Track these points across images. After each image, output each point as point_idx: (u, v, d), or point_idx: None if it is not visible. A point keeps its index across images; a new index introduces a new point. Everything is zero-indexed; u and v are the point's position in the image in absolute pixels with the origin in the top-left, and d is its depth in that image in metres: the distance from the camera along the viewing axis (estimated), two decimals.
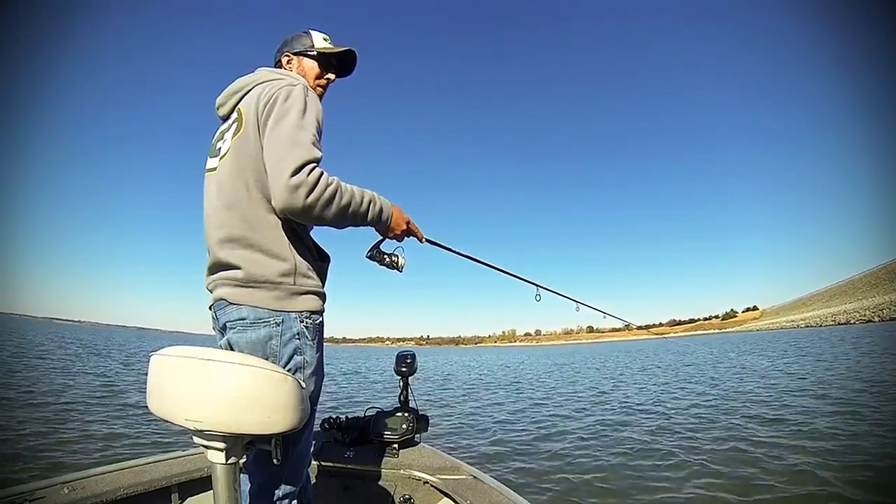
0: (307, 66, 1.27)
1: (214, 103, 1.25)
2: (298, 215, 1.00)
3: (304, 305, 1.08)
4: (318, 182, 0.98)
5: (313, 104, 1.09)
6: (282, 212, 1.00)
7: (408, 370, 1.89)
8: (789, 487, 3.01)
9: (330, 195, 1.00)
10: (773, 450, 3.87)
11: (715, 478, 3.32)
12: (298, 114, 1.04)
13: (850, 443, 3.92)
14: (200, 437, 0.85)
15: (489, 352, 68.80)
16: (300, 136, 1.01)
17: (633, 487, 3.25)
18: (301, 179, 0.96)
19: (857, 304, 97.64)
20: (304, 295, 1.08)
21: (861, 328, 45.50)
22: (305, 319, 1.07)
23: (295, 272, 1.07)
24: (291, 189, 0.95)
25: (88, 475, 1.36)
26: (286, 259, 1.06)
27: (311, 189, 0.97)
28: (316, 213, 0.99)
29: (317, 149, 1.02)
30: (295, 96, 1.06)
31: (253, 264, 1.05)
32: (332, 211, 1.01)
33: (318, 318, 1.11)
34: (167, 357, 0.87)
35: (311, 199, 0.97)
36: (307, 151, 0.99)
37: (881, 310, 73.88)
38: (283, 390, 0.86)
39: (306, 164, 0.97)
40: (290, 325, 1.05)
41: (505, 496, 1.45)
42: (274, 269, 1.05)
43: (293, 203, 0.96)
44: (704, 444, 4.28)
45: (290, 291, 1.06)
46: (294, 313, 1.06)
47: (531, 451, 4.37)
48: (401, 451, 1.72)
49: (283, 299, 1.05)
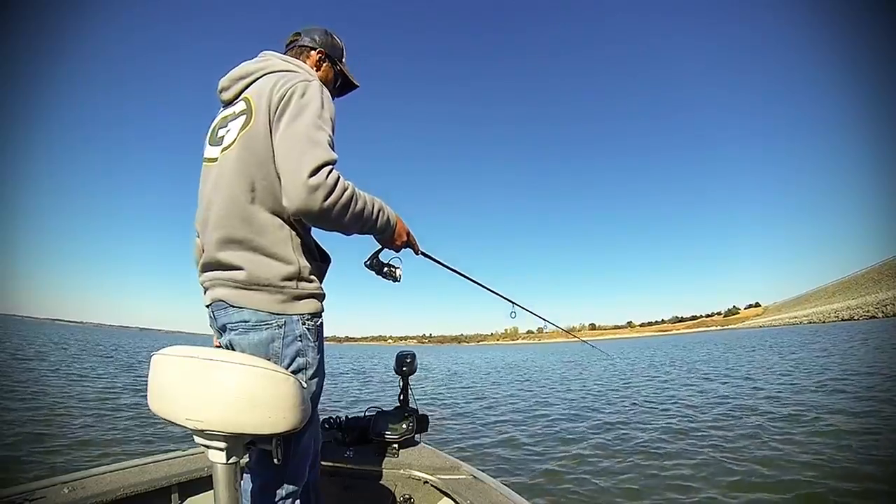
0: (329, 74, 1.30)
1: (217, 86, 1.20)
2: (314, 217, 0.97)
3: (306, 308, 1.07)
4: (337, 185, 0.95)
5: (329, 103, 1.06)
6: (296, 213, 0.96)
7: (408, 370, 1.89)
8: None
9: (347, 199, 0.97)
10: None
11: (729, 476, 3.31)
12: (316, 112, 1.00)
13: None
14: (201, 437, 0.85)
15: (492, 350, 68.68)
16: (318, 136, 0.97)
17: (636, 487, 3.25)
18: (320, 181, 0.92)
19: (860, 301, 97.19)
20: (305, 298, 1.07)
21: (865, 324, 45.27)
22: (307, 322, 1.07)
23: (298, 276, 1.05)
24: (310, 190, 0.92)
25: (88, 475, 1.36)
26: (291, 262, 1.04)
27: (329, 192, 0.93)
28: (332, 217, 0.96)
29: (333, 151, 0.99)
30: (312, 93, 1.03)
31: (256, 266, 1.02)
32: (348, 216, 0.99)
33: (319, 320, 1.11)
34: (168, 357, 0.88)
35: (329, 203, 0.94)
36: (325, 152, 0.95)
37: (885, 306, 73.51)
38: (283, 390, 0.86)
39: (325, 164, 0.94)
40: (293, 328, 1.04)
41: (505, 496, 1.45)
42: (277, 272, 1.03)
43: (310, 205, 0.92)
44: (721, 442, 4.27)
45: (292, 295, 1.04)
46: (296, 316, 1.05)
47: (532, 450, 4.37)
48: (401, 451, 1.72)
49: (286, 302, 1.04)
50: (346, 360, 23.87)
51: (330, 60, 1.30)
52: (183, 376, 0.85)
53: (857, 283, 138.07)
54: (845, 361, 10.42)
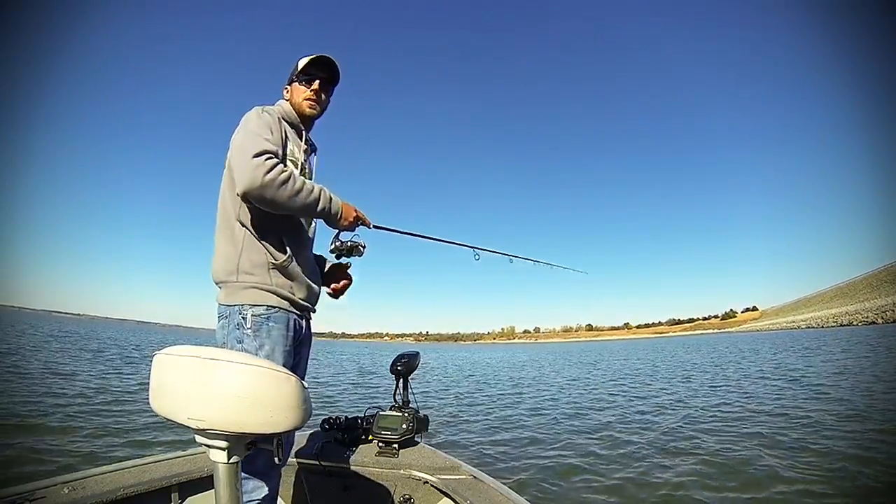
0: (296, 90, 1.43)
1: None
2: (257, 193, 1.12)
3: (247, 298, 1.23)
4: (276, 165, 1.14)
5: (264, 116, 1.27)
6: (244, 191, 1.12)
7: (408, 370, 1.89)
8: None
9: (285, 178, 1.14)
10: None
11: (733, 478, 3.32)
12: (251, 123, 1.23)
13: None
14: (202, 437, 0.85)
15: (491, 349, 68.79)
16: (258, 134, 1.18)
17: (636, 487, 3.25)
18: (261, 160, 1.12)
19: (859, 306, 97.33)
20: (248, 289, 1.23)
21: (865, 329, 45.30)
22: (244, 311, 1.22)
23: (238, 270, 1.23)
24: (254, 167, 1.10)
25: (88, 475, 1.36)
26: (230, 260, 1.24)
27: (269, 169, 1.12)
28: (269, 195, 1.12)
29: (268, 143, 1.17)
30: (246, 116, 1.26)
31: (216, 267, 1.27)
32: (287, 192, 1.15)
33: (259, 310, 1.23)
34: (170, 356, 0.87)
35: (270, 178, 1.11)
36: (265, 143, 1.16)
37: (884, 311, 73.53)
38: (285, 390, 0.85)
39: (265, 151, 1.14)
40: (234, 318, 1.22)
41: (505, 496, 1.45)
42: (223, 267, 1.25)
43: (253, 180, 1.10)
44: (722, 446, 4.28)
45: (236, 287, 1.24)
46: (237, 306, 1.23)
47: (532, 450, 4.37)
48: (401, 451, 1.72)
49: (231, 294, 1.24)
50: (344, 358, 23.86)
51: (290, 83, 1.45)
52: (185, 375, 0.84)
53: (854, 288, 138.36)
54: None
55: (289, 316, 1.28)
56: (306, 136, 1.43)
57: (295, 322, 1.31)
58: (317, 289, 1.40)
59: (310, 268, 1.37)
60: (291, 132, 1.38)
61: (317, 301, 1.42)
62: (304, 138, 1.42)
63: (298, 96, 1.42)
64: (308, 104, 1.41)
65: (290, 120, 1.40)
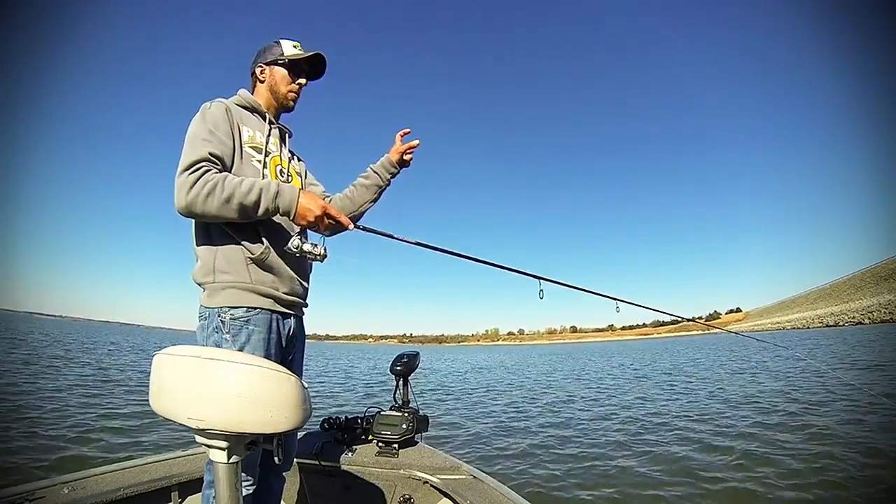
0: (278, 75, 1.35)
1: None
2: (187, 213, 1.08)
3: (224, 300, 1.15)
4: (199, 179, 1.06)
5: (209, 112, 1.19)
6: (178, 212, 1.08)
7: (408, 370, 1.88)
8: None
9: (209, 189, 1.06)
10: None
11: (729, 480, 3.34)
12: (190, 128, 1.16)
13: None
14: (202, 437, 0.83)
15: (481, 351, 68.98)
16: (192, 141, 1.12)
17: (635, 488, 3.26)
18: (182, 180, 1.06)
19: (845, 307, 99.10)
20: (224, 290, 1.16)
21: (852, 330, 46.12)
22: (223, 314, 1.15)
23: (214, 270, 1.16)
24: (177, 188, 1.06)
25: (88, 475, 1.37)
26: (205, 259, 1.18)
27: (190, 186, 1.05)
28: (199, 210, 1.06)
29: (205, 147, 1.11)
30: (192, 119, 1.19)
31: (195, 269, 1.21)
32: (216, 202, 1.06)
33: (238, 312, 1.16)
34: (170, 356, 0.86)
35: (191, 196, 1.05)
36: (199, 150, 1.10)
37: (871, 312, 74.99)
38: (286, 390, 0.84)
39: (195, 161, 1.08)
40: (212, 321, 1.15)
41: (505, 496, 1.45)
42: (199, 272, 1.18)
43: (178, 200, 1.06)
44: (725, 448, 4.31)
45: (212, 289, 1.17)
46: (215, 308, 1.16)
47: (531, 450, 4.38)
48: (401, 451, 1.72)
49: (209, 296, 1.17)
50: (335, 360, 23.74)
51: (270, 65, 1.36)
52: (185, 375, 0.82)
53: (838, 290, 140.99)
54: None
55: (272, 317, 1.20)
56: (269, 118, 1.34)
57: (279, 323, 1.22)
58: (303, 281, 1.30)
59: (292, 258, 1.21)
60: (252, 117, 1.30)
61: (306, 295, 1.33)
62: (268, 120, 1.34)
63: (282, 85, 1.35)
64: (292, 97, 1.37)
65: (251, 105, 1.31)
